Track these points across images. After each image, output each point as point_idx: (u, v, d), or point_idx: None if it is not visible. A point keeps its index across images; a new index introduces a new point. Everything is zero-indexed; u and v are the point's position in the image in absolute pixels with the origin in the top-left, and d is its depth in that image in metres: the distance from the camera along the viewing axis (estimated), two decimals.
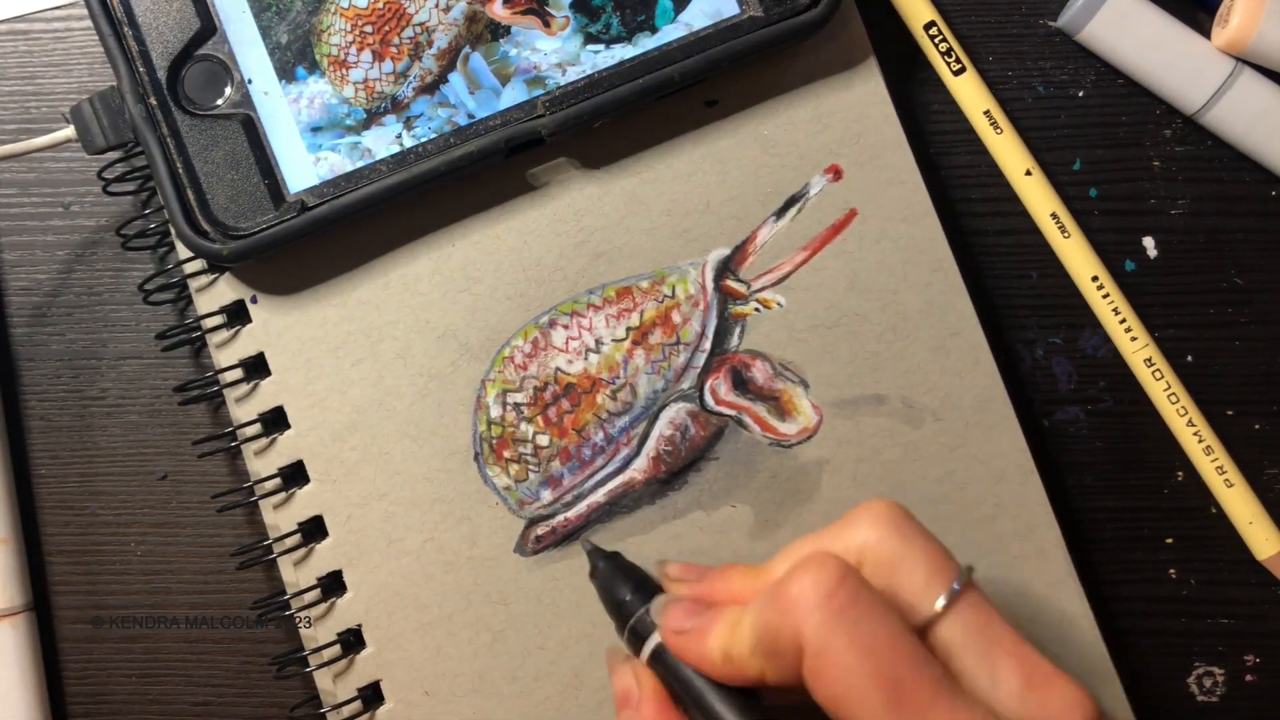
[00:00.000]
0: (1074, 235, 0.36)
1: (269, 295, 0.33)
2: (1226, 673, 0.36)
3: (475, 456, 0.33)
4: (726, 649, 0.25)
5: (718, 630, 0.25)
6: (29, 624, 0.35)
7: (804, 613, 0.23)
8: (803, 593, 0.23)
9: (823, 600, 0.23)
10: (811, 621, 0.23)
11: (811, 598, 0.23)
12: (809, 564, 0.24)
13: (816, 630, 0.23)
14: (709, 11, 0.33)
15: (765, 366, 0.34)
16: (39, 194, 0.37)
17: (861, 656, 0.22)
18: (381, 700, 0.33)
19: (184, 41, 0.32)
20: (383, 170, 0.32)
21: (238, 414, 0.33)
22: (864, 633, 0.23)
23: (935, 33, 0.36)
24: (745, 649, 0.24)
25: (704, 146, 0.34)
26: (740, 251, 0.34)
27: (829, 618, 0.23)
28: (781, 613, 0.23)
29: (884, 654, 0.22)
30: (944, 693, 0.22)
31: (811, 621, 0.23)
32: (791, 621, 0.23)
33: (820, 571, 0.23)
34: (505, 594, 0.33)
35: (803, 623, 0.23)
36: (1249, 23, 0.35)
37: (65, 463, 0.36)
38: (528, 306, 0.34)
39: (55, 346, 0.36)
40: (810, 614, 0.23)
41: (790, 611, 0.23)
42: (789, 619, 0.23)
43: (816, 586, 0.23)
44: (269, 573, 0.35)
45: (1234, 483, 0.36)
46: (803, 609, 0.23)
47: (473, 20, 0.33)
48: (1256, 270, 0.37)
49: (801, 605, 0.23)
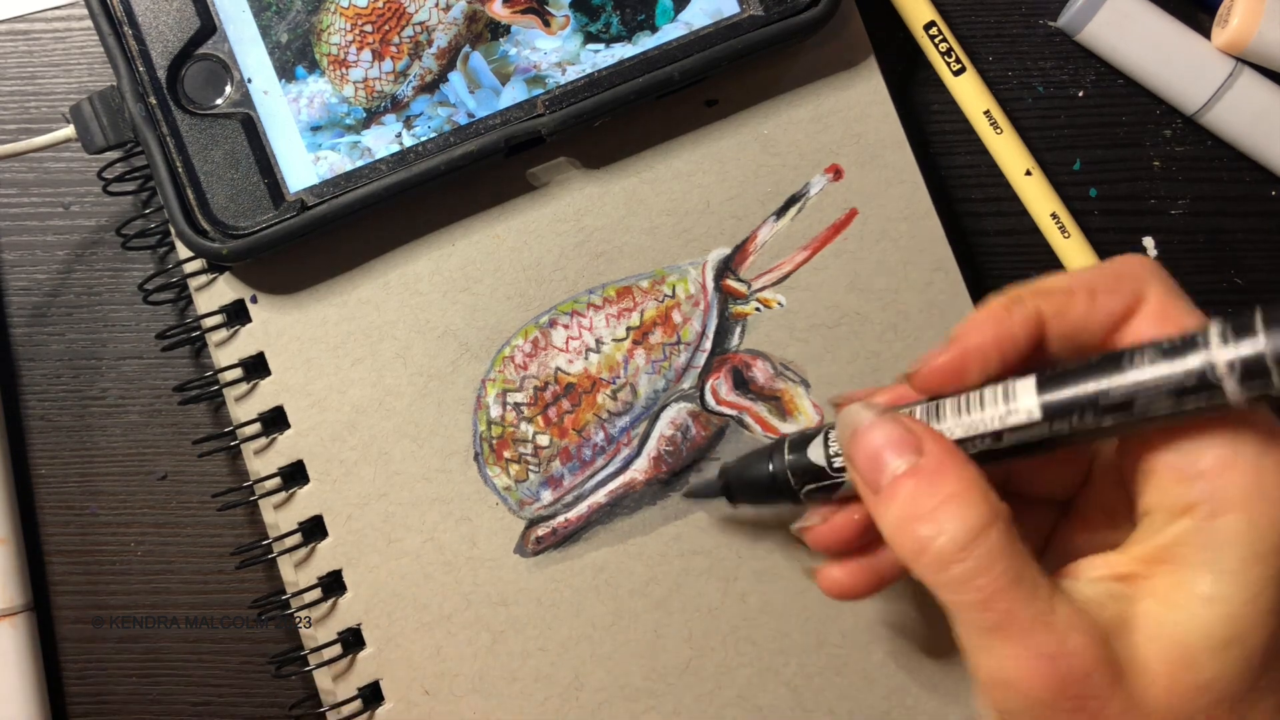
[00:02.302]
0: (1074, 235, 0.36)
1: (269, 295, 0.33)
2: None
3: (475, 456, 0.33)
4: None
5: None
6: (29, 624, 0.35)
7: (1147, 266, 0.24)
8: (1136, 259, 0.24)
9: (1159, 267, 0.24)
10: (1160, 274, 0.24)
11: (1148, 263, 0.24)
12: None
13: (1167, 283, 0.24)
14: (709, 11, 0.33)
15: (766, 366, 0.34)
16: (39, 194, 0.37)
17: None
18: (381, 700, 0.33)
19: (184, 41, 0.32)
20: (383, 169, 0.32)
21: (237, 414, 0.33)
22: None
23: (935, 33, 0.36)
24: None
25: (704, 146, 0.34)
26: (740, 251, 0.34)
27: (1169, 279, 0.24)
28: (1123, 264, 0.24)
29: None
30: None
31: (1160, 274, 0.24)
32: (1135, 271, 0.24)
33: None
34: (505, 594, 0.33)
35: (1151, 274, 0.24)
36: (1249, 23, 0.35)
37: (65, 463, 0.36)
38: (528, 306, 0.34)
39: (55, 346, 0.36)
40: (1158, 268, 0.24)
41: (1130, 263, 0.24)
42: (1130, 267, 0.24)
43: (1143, 258, 0.24)
44: (269, 572, 0.35)
45: None
46: (1144, 264, 0.24)
47: (473, 19, 0.33)
48: (1256, 270, 0.37)
49: (1140, 261, 0.24)
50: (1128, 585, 0.23)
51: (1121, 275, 0.24)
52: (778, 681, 0.33)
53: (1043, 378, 0.23)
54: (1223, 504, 0.22)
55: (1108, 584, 0.23)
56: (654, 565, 0.33)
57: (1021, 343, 0.24)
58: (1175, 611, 0.22)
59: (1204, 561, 0.22)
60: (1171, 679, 0.22)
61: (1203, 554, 0.22)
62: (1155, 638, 0.22)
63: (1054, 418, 0.23)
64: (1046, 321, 0.24)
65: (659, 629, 0.33)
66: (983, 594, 0.22)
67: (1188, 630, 0.22)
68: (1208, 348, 0.21)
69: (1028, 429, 0.23)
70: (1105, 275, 0.24)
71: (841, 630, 0.33)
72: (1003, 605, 0.22)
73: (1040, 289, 0.24)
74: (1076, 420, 0.23)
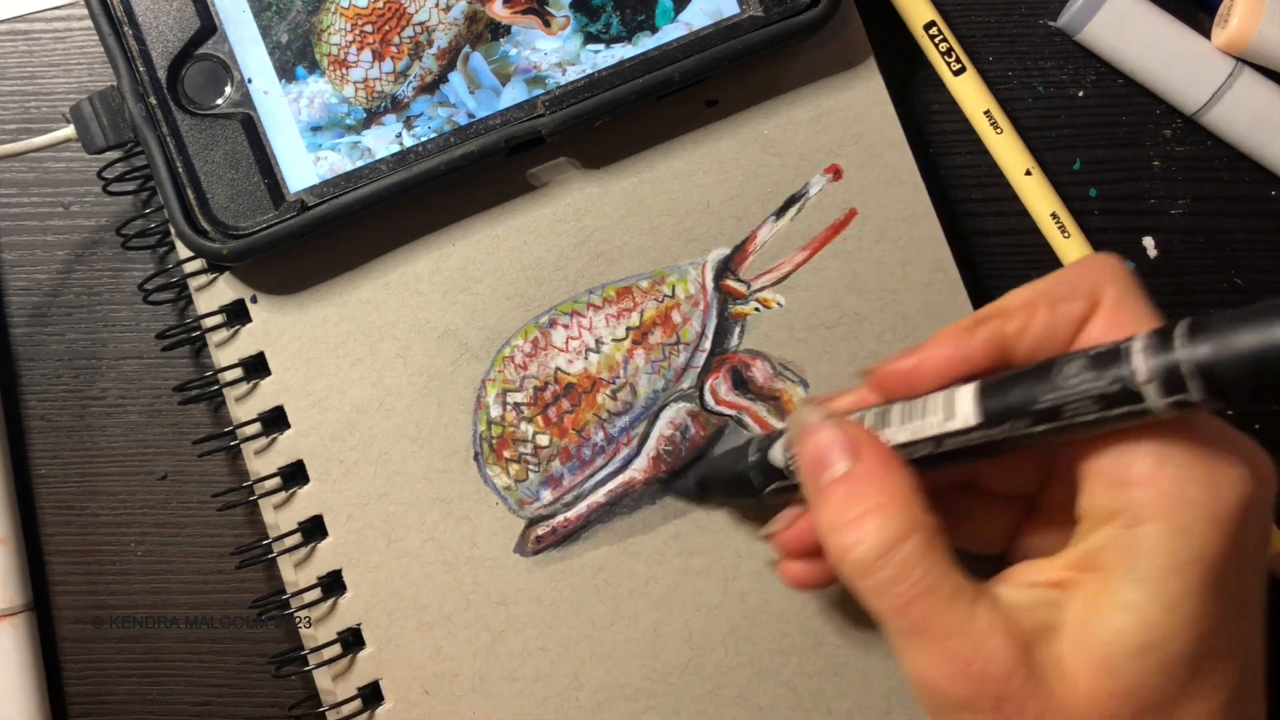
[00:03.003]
0: (1074, 235, 0.36)
1: (269, 295, 0.33)
2: None
3: (475, 456, 0.33)
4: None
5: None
6: (29, 624, 0.35)
7: (1106, 267, 0.24)
8: (1097, 259, 0.24)
9: (1120, 266, 0.24)
10: (1119, 272, 0.24)
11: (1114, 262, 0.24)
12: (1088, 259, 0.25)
13: (1125, 281, 0.24)
14: (709, 11, 0.33)
15: (765, 366, 0.34)
16: (39, 194, 0.37)
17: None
18: (381, 700, 0.33)
19: (184, 41, 0.32)
20: (383, 170, 0.32)
21: (238, 414, 0.33)
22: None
23: (935, 33, 0.36)
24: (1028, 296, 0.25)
25: (704, 146, 0.34)
26: (740, 251, 0.34)
27: (1129, 277, 0.24)
28: (1082, 268, 0.24)
29: None
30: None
31: (1119, 272, 0.24)
32: (1093, 273, 0.24)
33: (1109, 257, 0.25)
34: (505, 594, 0.33)
35: (1109, 275, 0.24)
36: (1249, 23, 0.35)
37: (65, 463, 0.36)
38: (528, 306, 0.34)
39: (55, 346, 0.36)
40: (1118, 267, 0.24)
41: (1089, 265, 0.24)
42: (1090, 268, 0.24)
43: (1105, 257, 0.24)
44: (269, 572, 0.35)
45: None
46: (1103, 264, 0.24)
47: (473, 20, 0.33)
48: (1256, 270, 0.37)
49: (1100, 263, 0.24)
50: (1058, 591, 0.23)
51: (1079, 279, 0.24)
52: (777, 681, 0.33)
53: (984, 385, 0.24)
54: (1145, 513, 0.22)
55: (1039, 590, 0.24)
56: (653, 565, 0.33)
57: (981, 363, 0.24)
58: (1098, 618, 0.22)
59: (1126, 569, 0.22)
60: (1093, 684, 0.22)
61: (1124, 562, 0.22)
62: (1079, 643, 0.22)
63: (990, 425, 0.23)
64: (1011, 340, 0.24)
65: (658, 628, 0.33)
66: (900, 600, 0.23)
67: (1109, 637, 0.22)
68: (1130, 358, 0.21)
69: (966, 435, 0.24)
70: (1063, 281, 0.24)
71: (841, 630, 0.33)
72: (919, 611, 0.23)
73: (1003, 308, 0.25)
74: (1010, 428, 0.23)
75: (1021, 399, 0.23)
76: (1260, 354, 0.20)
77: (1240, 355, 0.20)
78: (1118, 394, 0.21)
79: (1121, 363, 0.21)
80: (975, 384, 0.24)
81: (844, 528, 0.24)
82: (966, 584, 0.23)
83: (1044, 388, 0.22)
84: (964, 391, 0.24)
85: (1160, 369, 0.21)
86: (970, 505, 0.28)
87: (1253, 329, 0.20)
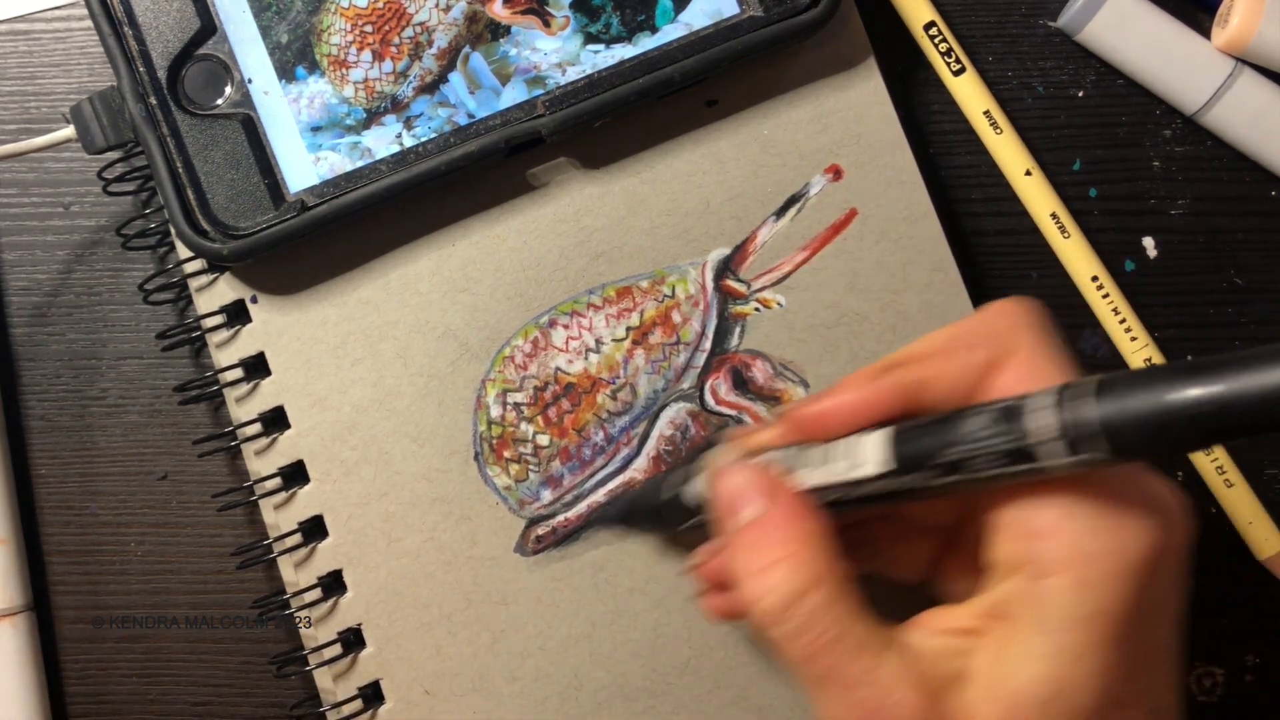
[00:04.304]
0: (1074, 235, 0.36)
1: (269, 295, 0.33)
2: (1226, 673, 0.36)
3: (475, 456, 0.33)
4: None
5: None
6: (29, 624, 0.35)
7: (1019, 314, 0.24)
8: (1011, 306, 0.24)
9: (1035, 313, 0.24)
10: (1033, 321, 0.24)
11: (1022, 309, 0.24)
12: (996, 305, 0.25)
13: (1037, 330, 0.24)
14: (709, 11, 0.33)
15: (765, 366, 0.34)
16: (39, 194, 0.37)
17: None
18: (382, 699, 0.33)
19: (184, 41, 0.32)
20: (383, 170, 0.32)
21: (238, 414, 0.33)
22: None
23: (935, 33, 0.36)
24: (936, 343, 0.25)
25: (704, 146, 0.34)
26: (740, 251, 0.34)
27: (1043, 325, 0.24)
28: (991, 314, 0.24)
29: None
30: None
31: (1033, 321, 0.24)
32: (1005, 320, 0.24)
33: (1017, 302, 0.24)
34: (505, 594, 0.33)
35: (1023, 322, 0.24)
36: (1249, 23, 0.35)
37: (65, 463, 0.36)
38: (528, 306, 0.34)
39: (55, 346, 0.36)
40: (1033, 315, 0.24)
41: (1002, 312, 0.24)
42: (997, 317, 0.24)
43: (1020, 303, 0.24)
44: (269, 573, 0.35)
45: (1234, 483, 0.36)
46: (1016, 312, 0.24)
47: (473, 20, 0.33)
48: (1256, 270, 0.37)
49: (1013, 309, 0.24)
50: (967, 639, 0.23)
51: (988, 327, 0.24)
52: (778, 681, 0.33)
53: (895, 432, 0.23)
54: (1051, 565, 0.22)
55: (949, 637, 0.24)
56: (653, 564, 0.33)
57: (891, 409, 0.24)
58: (1006, 668, 0.22)
59: (1032, 621, 0.22)
60: None
61: (1031, 613, 0.22)
62: (986, 693, 0.22)
63: (898, 473, 0.23)
64: (920, 387, 0.24)
65: (658, 628, 0.33)
66: (807, 651, 0.23)
67: (1016, 687, 0.22)
68: (1033, 415, 0.21)
69: (875, 482, 0.24)
70: (972, 329, 0.24)
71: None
72: (826, 661, 0.23)
73: (913, 354, 0.25)
74: (919, 477, 0.23)
75: (929, 449, 0.23)
76: (1160, 417, 0.19)
77: (1141, 417, 0.19)
78: (1021, 451, 0.21)
79: (1026, 418, 0.21)
80: (886, 431, 0.24)
81: (753, 576, 0.24)
82: (875, 632, 0.23)
83: (951, 440, 0.22)
84: (874, 438, 0.24)
85: (1065, 427, 0.20)
86: (890, 534, 0.28)
87: (1154, 390, 0.19)
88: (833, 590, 0.23)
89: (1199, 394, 0.19)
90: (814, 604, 0.23)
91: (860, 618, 0.23)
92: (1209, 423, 0.19)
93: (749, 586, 0.24)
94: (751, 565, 0.24)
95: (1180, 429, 0.19)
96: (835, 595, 0.23)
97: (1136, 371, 0.20)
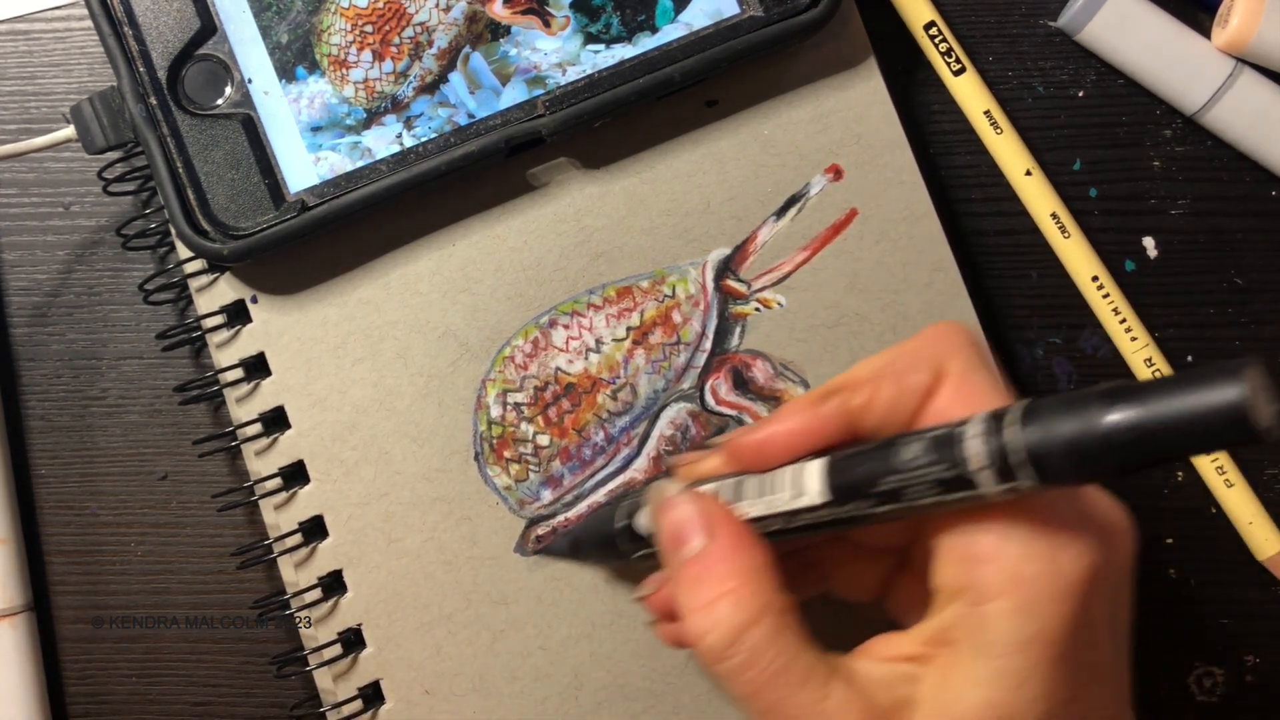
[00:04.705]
0: (1074, 235, 0.36)
1: (269, 295, 0.33)
2: (1226, 673, 0.36)
3: (475, 456, 0.33)
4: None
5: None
6: (29, 624, 0.35)
7: (951, 336, 0.24)
8: (943, 329, 0.24)
9: (965, 336, 0.24)
10: (964, 343, 0.24)
11: (957, 333, 0.24)
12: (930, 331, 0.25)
13: (969, 352, 0.24)
14: (709, 11, 0.33)
15: (766, 366, 0.34)
16: (39, 194, 0.37)
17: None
18: (382, 699, 0.33)
19: (184, 41, 0.32)
20: (383, 170, 0.32)
21: (238, 414, 0.33)
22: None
23: (935, 33, 0.36)
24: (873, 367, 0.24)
25: (704, 146, 0.34)
26: (740, 251, 0.34)
27: (974, 347, 0.24)
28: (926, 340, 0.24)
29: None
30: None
31: (964, 343, 0.24)
32: (939, 344, 0.24)
33: (953, 326, 0.24)
34: (505, 594, 0.33)
35: (955, 344, 0.24)
36: (1249, 23, 0.35)
37: (65, 463, 0.36)
38: (528, 306, 0.34)
39: (55, 346, 0.36)
40: (963, 337, 0.24)
41: (935, 335, 0.24)
42: (933, 345, 0.24)
43: (951, 326, 0.24)
44: (269, 573, 0.35)
45: (1234, 483, 0.36)
46: (948, 334, 0.24)
47: (473, 20, 0.33)
48: (1256, 270, 0.37)
49: (945, 332, 0.24)
50: (913, 665, 0.23)
51: (923, 351, 0.24)
52: None
53: (831, 462, 0.23)
54: (989, 590, 0.22)
55: (895, 664, 0.24)
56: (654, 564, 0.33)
57: (830, 435, 0.24)
58: (950, 694, 0.22)
59: (974, 646, 0.22)
60: None
61: (972, 638, 0.22)
62: (933, 718, 0.22)
63: (836, 503, 0.23)
64: (859, 413, 0.24)
65: None
66: (752, 685, 0.23)
67: (961, 713, 0.22)
68: (964, 443, 0.21)
69: (814, 511, 0.24)
70: (908, 353, 0.24)
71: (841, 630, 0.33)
72: (772, 695, 0.23)
73: (850, 380, 0.25)
74: (856, 507, 0.23)
75: (864, 478, 0.23)
76: (1080, 444, 0.19)
77: (1064, 444, 0.19)
78: (954, 480, 0.21)
79: (957, 447, 0.21)
80: (823, 460, 0.24)
81: (696, 612, 0.24)
82: (820, 663, 0.23)
83: (885, 469, 0.22)
84: (812, 468, 0.24)
85: (994, 455, 0.20)
86: (840, 556, 0.28)
87: (1074, 416, 0.19)
88: (776, 623, 0.23)
89: (1116, 419, 0.18)
90: (757, 638, 0.23)
91: (805, 649, 0.23)
92: (1127, 449, 0.18)
93: (692, 622, 0.24)
94: (694, 601, 0.24)
95: (1100, 455, 0.19)
96: (778, 628, 0.23)
97: (1061, 397, 0.20)
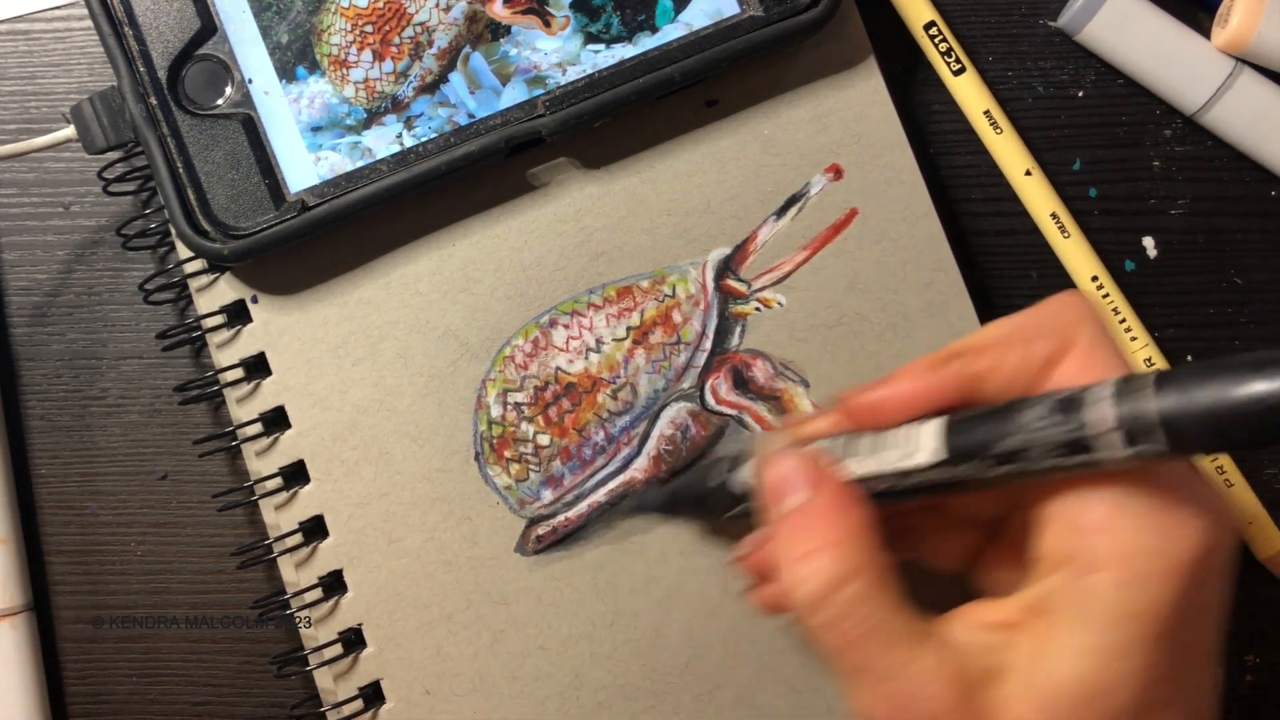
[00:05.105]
0: (1074, 235, 0.36)
1: (269, 295, 0.33)
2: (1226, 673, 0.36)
3: (476, 456, 0.33)
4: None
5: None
6: (29, 624, 0.35)
7: (1078, 307, 0.24)
8: (1070, 299, 0.24)
9: (1091, 308, 0.24)
10: (1091, 314, 0.24)
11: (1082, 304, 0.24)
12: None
13: (1096, 324, 0.24)
14: (709, 11, 0.33)
15: (766, 366, 0.34)
16: (39, 194, 0.37)
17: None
18: (382, 699, 0.33)
19: (184, 41, 0.32)
20: (383, 170, 0.32)
21: (238, 414, 0.33)
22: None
23: (935, 33, 0.36)
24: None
25: (704, 146, 0.34)
26: (740, 251, 0.34)
27: (1099, 320, 0.24)
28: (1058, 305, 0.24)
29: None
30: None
31: (1091, 314, 0.24)
32: (1065, 314, 0.24)
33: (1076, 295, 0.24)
34: (506, 594, 0.33)
35: (1082, 316, 0.24)
36: (1249, 23, 0.35)
37: (65, 463, 0.36)
38: (528, 306, 0.34)
39: (55, 346, 0.36)
40: (1089, 309, 0.24)
41: (1062, 305, 0.24)
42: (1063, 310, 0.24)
43: (1078, 297, 0.24)
44: (269, 572, 0.35)
45: (1234, 483, 0.36)
46: (1075, 305, 0.24)
47: (473, 20, 0.33)
48: (1256, 270, 0.37)
49: (1073, 303, 0.24)
50: (1007, 633, 0.23)
51: (1052, 319, 0.24)
52: (777, 681, 0.33)
53: (950, 422, 0.23)
54: (1098, 560, 0.22)
55: (988, 631, 0.24)
56: (654, 564, 0.33)
57: (950, 398, 0.24)
58: (1045, 663, 0.22)
59: (1075, 616, 0.22)
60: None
61: (1075, 608, 0.22)
62: (1024, 687, 0.22)
63: (952, 463, 0.23)
64: (982, 378, 0.24)
65: (658, 628, 0.33)
66: (842, 641, 0.23)
67: (1055, 683, 0.22)
68: (1094, 406, 0.21)
69: (928, 471, 0.23)
70: (1036, 320, 0.24)
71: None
72: (860, 652, 0.23)
73: (975, 344, 0.24)
74: (972, 467, 0.23)
75: (985, 439, 0.22)
76: (1224, 412, 0.19)
77: (1205, 411, 0.19)
78: (1079, 441, 0.21)
79: (1086, 410, 0.21)
80: (941, 420, 0.24)
81: (795, 562, 0.24)
82: (912, 625, 0.23)
83: (1008, 429, 0.22)
84: (929, 427, 0.24)
85: (1124, 419, 0.20)
86: (932, 525, 0.28)
87: (1214, 384, 0.19)
88: (872, 581, 0.23)
89: (1265, 389, 0.19)
90: (852, 594, 0.23)
91: (898, 610, 0.23)
92: (1269, 418, 0.19)
93: (788, 573, 0.24)
94: (792, 552, 0.24)
95: (1240, 423, 0.19)
96: (874, 586, 0.23)
97: (1197, 364, 0.20)
